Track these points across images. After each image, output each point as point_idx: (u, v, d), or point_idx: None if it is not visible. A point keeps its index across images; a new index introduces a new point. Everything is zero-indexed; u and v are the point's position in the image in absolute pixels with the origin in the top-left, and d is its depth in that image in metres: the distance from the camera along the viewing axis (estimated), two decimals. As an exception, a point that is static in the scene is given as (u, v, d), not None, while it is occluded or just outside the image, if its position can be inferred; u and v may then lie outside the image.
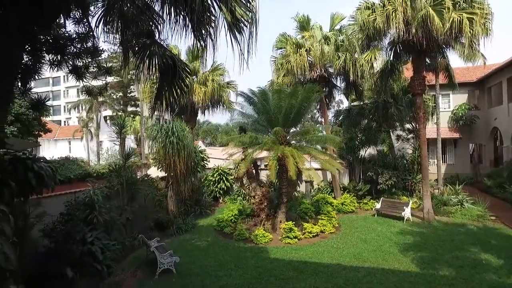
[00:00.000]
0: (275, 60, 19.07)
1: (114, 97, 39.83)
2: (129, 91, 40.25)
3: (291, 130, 14.73)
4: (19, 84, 6.83)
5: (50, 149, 40.54)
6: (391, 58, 15.82)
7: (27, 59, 6.81)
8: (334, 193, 18.46)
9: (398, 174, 18.33)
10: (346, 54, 16.81)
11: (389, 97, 19.52)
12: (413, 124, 20.97)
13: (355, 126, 20.82)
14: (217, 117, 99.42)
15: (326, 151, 16.60)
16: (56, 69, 7.94)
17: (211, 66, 20.04)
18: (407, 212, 14.81)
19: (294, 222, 13.07)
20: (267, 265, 10.24)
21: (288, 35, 18.65)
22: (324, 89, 18.39)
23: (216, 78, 19.78)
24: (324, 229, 13.35)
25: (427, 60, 15.73)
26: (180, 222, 14.24)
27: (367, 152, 20.90)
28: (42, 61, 7.31)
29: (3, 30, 4.75)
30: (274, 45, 18.93)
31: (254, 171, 14.97)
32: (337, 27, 18.60)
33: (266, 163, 14.86)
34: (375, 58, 15.28)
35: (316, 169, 16.73)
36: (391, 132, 22.32)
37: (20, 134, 15.86)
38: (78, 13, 6.73)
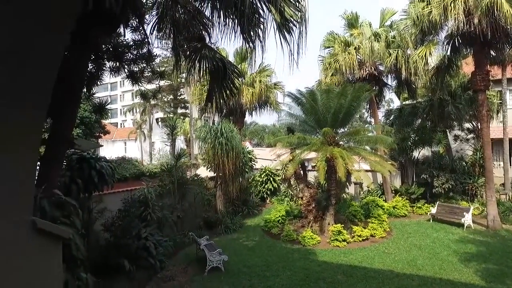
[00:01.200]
0: (322, 60, 18.68)
1: (165, 100, 41.79)
2: (179, 94, 42.00)
3: (340, 131, 14.37)
4: (85, 90, 7.48)
5: (108, 149, 43.57)
6: (448, 53, 14.75)
7: (91, 67, 7.44)
8: (384, 196, 17.66)
9: (457, 177, 16.99)
10: (397, 50, 16.00)
11: (446, 94, 18.26)
12: (473, 123, 19.35)
13: (407, 126, 19.73)
14: (264, 118, 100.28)
15: (376, 152, 15.94)
16: (115, 75, 8.60)
17: (258, 68, 20.18)
18: (467, 219, 13.67)
19: (342, 225, 12.71)
20: (315, 267, 10.08)
21: (335, 34, 18.20)
22: (374, 87, 17.68)
23: (263, 79, 19.88)
24: (375, 233, 12.83)
25: (492, 52, 14.42)
26: (228, 222, 14.53)
27: (421, 153, 19.70)
28: (104, 68, 7.96)
29: (83, 48, 5.22)
30: (322, 44, 18.54)
31: (301, 172, 14.81)
32: (388, 23, 17.80)
33: (314, 164, 14.67)
34: (430, 53, 14.48)
35: (366, 171, 16.11)
36: (448, 132, 20.77)
37: (84, 135, 17.27)
38: (135, 22, 7.21)
